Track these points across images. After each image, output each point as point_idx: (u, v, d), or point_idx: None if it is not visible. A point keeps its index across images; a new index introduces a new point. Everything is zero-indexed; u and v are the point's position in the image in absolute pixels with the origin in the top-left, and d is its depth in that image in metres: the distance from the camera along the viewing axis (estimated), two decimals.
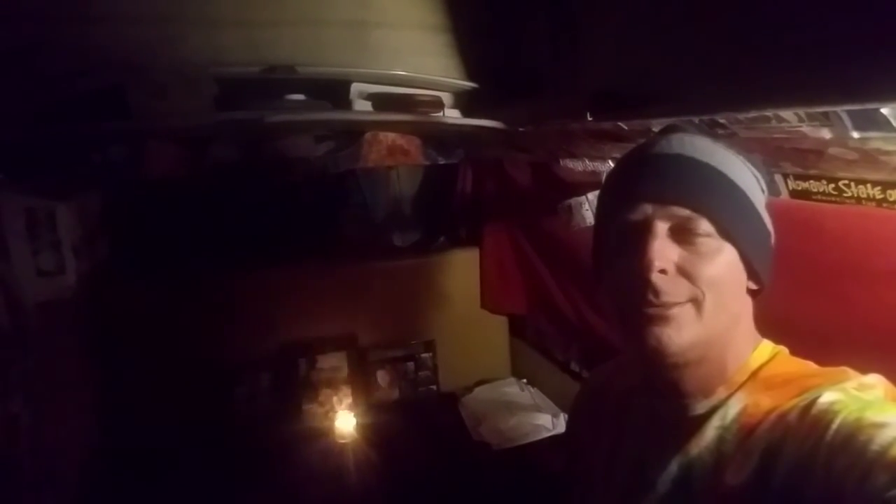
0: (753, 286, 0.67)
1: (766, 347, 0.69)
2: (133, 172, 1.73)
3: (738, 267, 0.64)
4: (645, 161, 0.67)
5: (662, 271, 0.61)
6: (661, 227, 0.63)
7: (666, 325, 0.62)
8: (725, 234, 0.63)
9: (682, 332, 0.62)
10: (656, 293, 0.61)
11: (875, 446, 0.49)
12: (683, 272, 0.62)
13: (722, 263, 0.63)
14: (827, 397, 0.56)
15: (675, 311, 0.62)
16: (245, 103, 1.39)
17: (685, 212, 0.62)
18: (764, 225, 0.67)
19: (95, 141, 1.62)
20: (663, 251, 0.62)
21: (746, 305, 0.68)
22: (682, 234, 0.63)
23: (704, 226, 0.62)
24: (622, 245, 0.65)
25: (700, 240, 0.62)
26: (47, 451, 1.44)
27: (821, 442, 0.53)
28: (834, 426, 0.53)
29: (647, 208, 0.63)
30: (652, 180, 0.64)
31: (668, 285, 0.62)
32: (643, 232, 0.63)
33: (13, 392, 1.32)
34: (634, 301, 0.63)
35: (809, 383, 0.60)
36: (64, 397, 1.60)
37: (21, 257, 1.45)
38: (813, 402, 0.57)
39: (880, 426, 0.50)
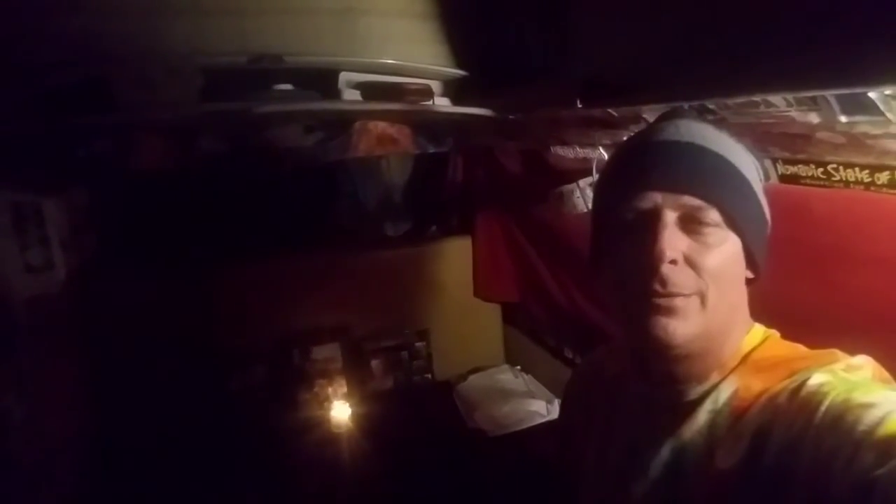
0: (750, 275, 0.67)
1: (758, 331, 0.70)
2: (120, 165, 1.71)
3: (740, 257, 0.64)
4: (652, 148, 0.65)
5: (672, 262, 0.61)
6: (671, 217, 0.62)
7: (672, 316, 0.61)
8: (732, 223, 0.62)
9: (687, 324, 0.62)
10: (664, 283, 0.61)
11: (863, 426, 0.50)
12: (691, 262, 0.61)
13: (726, 254, 0.62)
14: (816, 379, 0.57)
15: (679, 301, 0.61)
16: (233, 94, 1.38)
17: (695, 201, 0.61)
18: (764, 214, 0.67)
19: (81, 134, 1.60)
20: (673, 241, 0.61)
21: (743, 294, 0.69)
22: (690, 223, 0.62)
23: (713, 216, 0.61)
24: (628, 233, 0.64)
25: (708, 230, 0.62)
26: (42, 446, 1.44)
27: (810, 423, 0.54)
28: (823, 408, 0.54)
29: (657, 197, 0.62)
30: (662, 168, 0.63)
31: (677, 276, 0.61)
32: (652, 221, 0.62)
33: (5, 387, 1.31)
34: (640, 290, 0.62)
35: (799, 366, 0.61)
36: (56, 392, 1.59)
37: (9, 253, 1.44)
38: (802, 384, 0.57)
39: (868, 406, 0.51)
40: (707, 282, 0.61)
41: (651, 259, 0.60)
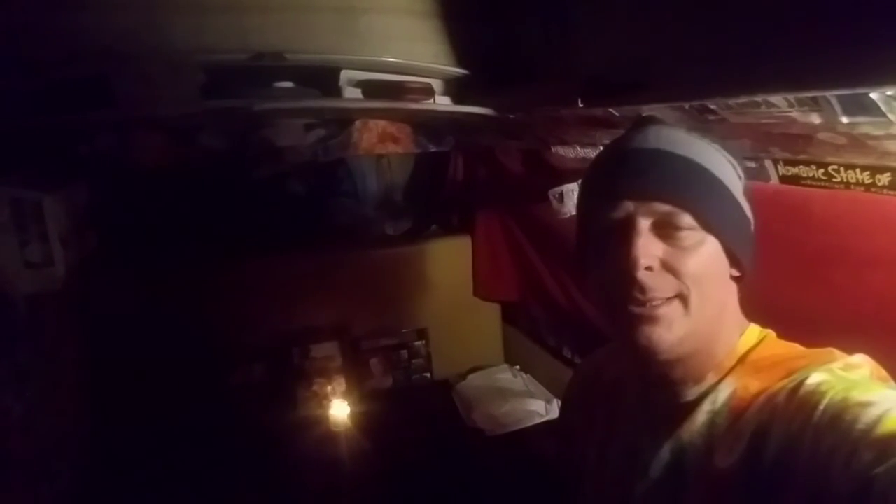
0: (736, 273, 0.68)
1: (754, 331, 0.70)
2: (120, 162, 1.71)
3: (721, 257, 0.65)
4: (622, 157, 0.67)
5: (648, 268, 0.62)
6: (644, 224, 0.63)
7: (656, 325, 0.63)
8: (707, 225, 0.63)
9: (671, 330, 0.63)
10: (643, 290, 0.62)
11: (861, 425, 0.50)
12: (668, 267, 0.62)
13: (705, 255, 0.63)
14: (814, 378, 0.57)
15: (662, 309, 0.62)
16: (233, 91, 1.38)
17: (667, 207, 0.62)
18: (743, 213, 0.68)
19: (82, 131, 1.60)
20: (648, 248, 0.62)
21: (731, 292, 0.69)
22: (664, 229, 0.63)
23: (686, 219, 0.62)
24: (606, 243, 0.65)
25: (683, 234, 0.62)
26: (41, 444, 1.44)
27: (808, 422, 0.54)
28: (821, 407, 0.54)
29: (629, 205, 0.63)
30: (632, 177, 0.64)
31: (655, 281, 0.62)
32: (626, 230, 0.63)
33: (4, 385, 1.31)
34: (621, 299, 0.64)
35: (797, 365, 0.61)
36: (55, 389, 1.59)
37: (8, 249, 1.44)
38: (800, 383, 0.58)
39: (866, 405, 0.51)
40: (688, 284, 0.62)
41: (627, 267, 0.62)
